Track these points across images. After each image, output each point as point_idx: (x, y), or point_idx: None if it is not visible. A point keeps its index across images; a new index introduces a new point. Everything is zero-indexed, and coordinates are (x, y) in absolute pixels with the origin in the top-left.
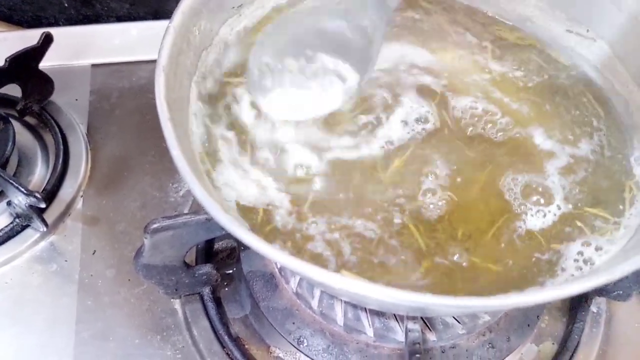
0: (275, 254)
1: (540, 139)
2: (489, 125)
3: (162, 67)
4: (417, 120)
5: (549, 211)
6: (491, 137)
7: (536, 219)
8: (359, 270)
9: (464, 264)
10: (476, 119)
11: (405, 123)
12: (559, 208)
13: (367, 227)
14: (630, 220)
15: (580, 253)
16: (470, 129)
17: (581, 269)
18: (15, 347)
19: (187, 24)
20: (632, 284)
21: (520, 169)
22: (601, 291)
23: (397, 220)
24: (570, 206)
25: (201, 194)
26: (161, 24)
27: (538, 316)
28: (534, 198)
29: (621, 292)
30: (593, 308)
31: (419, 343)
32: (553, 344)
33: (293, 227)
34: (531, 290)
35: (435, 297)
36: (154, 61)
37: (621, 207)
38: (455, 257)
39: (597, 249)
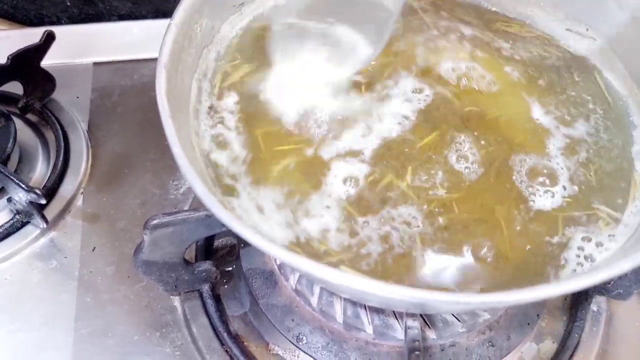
0: (274, 250)
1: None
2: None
3: (164, 64)
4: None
5: (556, 192)
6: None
7: (545, 200)
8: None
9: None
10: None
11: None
12: (565, 189)
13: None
14: (631, 218)
15: (581, 248)
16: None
17: (582, 265)
18: (14, 344)
19: (188, 21)
20: (632, 283)
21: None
22: (601, 290)
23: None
24: (575, 188)
25: (201, 191)
26: (163, 23)
27: (538, 315)
28: (540, 179)
29: (621, 291)
30: (593, 307)
31: (418, 340)
32: (553, 342)
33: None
34: (531, 287)
35: (432, 293)
36: (155, 59)
37: (620, 200)
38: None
39: (598, 244)
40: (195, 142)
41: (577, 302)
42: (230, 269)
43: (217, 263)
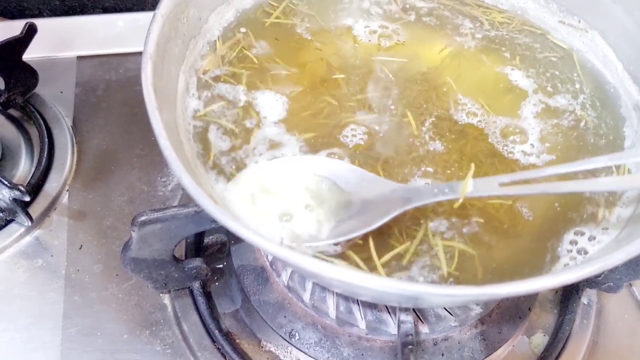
0: (266, 244)
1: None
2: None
3: (150, 55)
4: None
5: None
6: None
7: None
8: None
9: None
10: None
11: None
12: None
13: None
14: (623, 210)
15: (574, 242)
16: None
17: (575, 258)
18: (1, 343)
19: (174, 11)
20: (622, 276)
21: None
22: (592, 283)
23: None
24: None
25: (189, 184)
26: (149, 15)
27: (530, 308)
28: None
29: (612, 284)
30: (584, 300)
31: (411, 335)
32: (544, 335)
33: None
34: (525, 280)
35: (425, 285)
36: (140, 53)
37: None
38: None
39: (591, 238)
40: (183, 133)
41: (568, 295)
42: (221, 266)
43: (208, 260)
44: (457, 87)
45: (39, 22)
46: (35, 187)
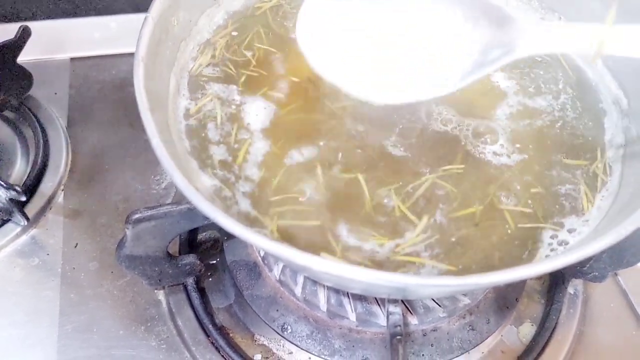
0: (257, 239)
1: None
2: None
3: (141, 57)
4: None
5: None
6: None
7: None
8: None
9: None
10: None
11: None
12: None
13: None
14: (603, 202)
15: (555, 236)
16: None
17: (555, 250)
18: None
19: (165, 14)
20: (607, 266)
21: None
22: (578, 273)
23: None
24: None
25: (181, 182)
26: (140, 17)
27: (517, 298)
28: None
29: (597, 273)
30: (570, 290)
31: (400, 325)
32: (532, 325)
33: None
34: (505, 270)
35: (412, 277)
36: (133, 54)
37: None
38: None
39: (571, 230)
40: (174, 133)
41: (555, 285)
42: (215, 262)
43: (201, 256)
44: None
45: (32, 25)
46: (30, 187)
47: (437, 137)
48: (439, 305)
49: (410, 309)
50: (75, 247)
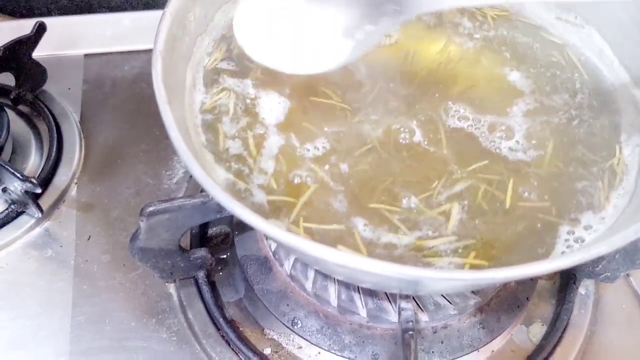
0: (272, 230)
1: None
2: None
3: (159, 52)
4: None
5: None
6: None
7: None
8: None
9: None
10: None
11: None
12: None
13: None
14: (619, 200)
15: (571, 232)
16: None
17: (572, 247)
18: (12, 331)
19: (182, 9)
20: (619, 266)
21: None
22: (589, 273)
23: None
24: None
25: (199, 173)
26: (153, 14)
27: (528, 298)
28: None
29: (609, 274)
30: (581, 290)
31: (412, 321)
32: (542, 325)
33: None
34: (519, 265)
35: (426, 270)
36: (146, 51)
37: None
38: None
39: (587, 227)
40: (190, 127)
41: (566, 285)
42: (225, 256)
43: (212, 251)
44: (451, 90)
45: (47, 21)
46: (44, 181)
47: (455, 133)
48: (450, 303)
49: (421, 305)
50: (88, 239)
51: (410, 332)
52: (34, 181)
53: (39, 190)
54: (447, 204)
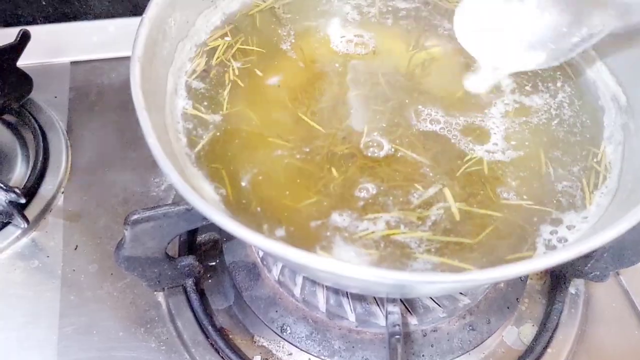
0: (256, 239)
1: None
2: None
3: (138, 57)
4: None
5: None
6: None
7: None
8: None
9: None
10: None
11: None
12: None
13: None
14: (602, 199)
15: (554, 232)
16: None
17: (555, 247)
18: None
19: (162, 15)
20: (608, 265)
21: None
22: (579, 273)
23: None
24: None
25: (177, 180)
26: (138, 21)
27: (517, 299)
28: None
29: (598, 273)
30: (571, 290)
31: (398, 325)
32: (533, 325)
33: None
34: (507, 265)
35: (408, 274)
36: None
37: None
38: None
39: (570, 227)
40: (172, 133)
41: (556, 285)
42: (214, 263)
43: (201, 258)
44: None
45: (32, 29)
46: (30, 190)
47: (430, 135)
48: (439, 305)
49: (409, 309)
50: (75, 249)
51: (397, 337)
52: (18, 191)
53: (23, 201)
54: (425, 207)
